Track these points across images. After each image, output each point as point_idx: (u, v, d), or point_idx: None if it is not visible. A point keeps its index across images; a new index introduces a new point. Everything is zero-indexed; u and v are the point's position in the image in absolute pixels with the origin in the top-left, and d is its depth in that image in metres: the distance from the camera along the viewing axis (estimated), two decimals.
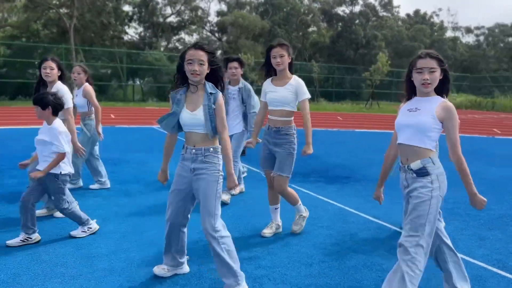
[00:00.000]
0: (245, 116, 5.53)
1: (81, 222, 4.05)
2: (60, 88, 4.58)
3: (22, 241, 3.80)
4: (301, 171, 7.23)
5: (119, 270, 3.37)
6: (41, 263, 3.47)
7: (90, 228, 4.09)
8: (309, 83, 31.78)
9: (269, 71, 4.04)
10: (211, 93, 2.91)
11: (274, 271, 3.43)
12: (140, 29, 36.08)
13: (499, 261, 3.77)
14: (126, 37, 35.26)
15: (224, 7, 39.53)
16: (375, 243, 4.14)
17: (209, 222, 2.87)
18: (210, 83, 2.96)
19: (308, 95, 3.97)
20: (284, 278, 3.32)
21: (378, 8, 44.97)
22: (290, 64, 4.00)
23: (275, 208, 4.29)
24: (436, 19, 53.63)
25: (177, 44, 38.59)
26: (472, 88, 44.65)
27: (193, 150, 2.94)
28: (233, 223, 4.53)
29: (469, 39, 63.00)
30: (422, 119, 2.69)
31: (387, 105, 28.22)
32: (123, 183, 6.18)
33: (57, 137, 3.74)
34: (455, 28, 59.91)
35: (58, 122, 3.83)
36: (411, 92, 2.87)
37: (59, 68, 4.62)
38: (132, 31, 36.05)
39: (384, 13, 45.91)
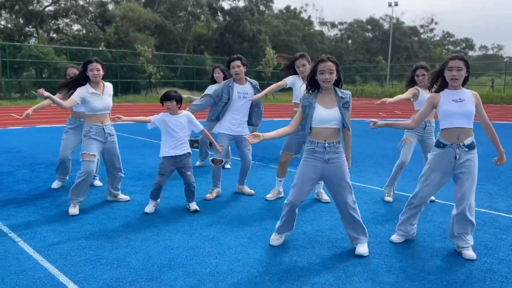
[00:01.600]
0: (252, 113, 5.63)
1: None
2: (108, 85, 5.10)
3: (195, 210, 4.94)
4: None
5: (249, 245, 3.96)
6: (176, 248, 3.85)
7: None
8: (202, 75, 32.45)
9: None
10: (342, 97, 3.63)
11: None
12: (12, 18, 32.48)
13: (499, 209, 5.20)
14: None
15: None
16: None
17: (350, 198, 3.69)
18: (337, 88, 3.69)
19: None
20: (378, 234, 4.27)
21: (259, 4, 47.40)
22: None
23: (280, 180, 5.55)
24: (304, 15, 58.53)
25: (55, 35, 35.70)
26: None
27: (326, 144, 3.60)
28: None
29: (333, 32, 69.84)
30: (470, 107, 3.64)
31: (280, 95, 30.26)
32: (135, 181, 6.42)
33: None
34: (322, 23, 66.10)
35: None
36: (439, 84, 3.78)
37: (103, 68, 4.97)
38: (3, 21, 32.15)
39: (262, 8, 48.53)
